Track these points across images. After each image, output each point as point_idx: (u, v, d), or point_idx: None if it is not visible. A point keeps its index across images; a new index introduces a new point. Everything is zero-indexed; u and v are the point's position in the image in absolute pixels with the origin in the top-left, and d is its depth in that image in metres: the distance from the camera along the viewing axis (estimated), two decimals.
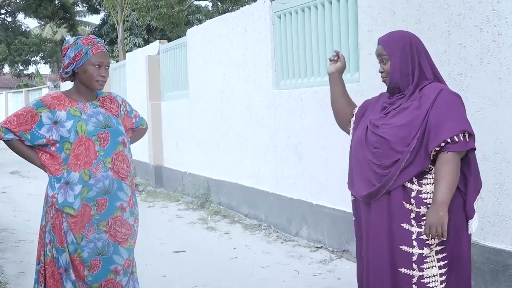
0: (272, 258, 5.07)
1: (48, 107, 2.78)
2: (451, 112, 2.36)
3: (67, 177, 2.76)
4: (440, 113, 2.36)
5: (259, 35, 6.21)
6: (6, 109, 27.71)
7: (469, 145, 2.36)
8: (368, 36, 4.57)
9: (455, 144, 2.33)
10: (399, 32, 2.62)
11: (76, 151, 2.76)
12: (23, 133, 2.77)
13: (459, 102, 2.44)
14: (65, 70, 2.81)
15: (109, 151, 2.82)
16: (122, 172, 2.86)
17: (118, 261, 2.83)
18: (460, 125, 2.34)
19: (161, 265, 4.84)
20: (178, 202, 8.06)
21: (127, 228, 2.86)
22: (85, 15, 34.31)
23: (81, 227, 2.75)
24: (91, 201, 2.76)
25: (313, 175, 5.40)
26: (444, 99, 2.39)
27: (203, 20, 20.76)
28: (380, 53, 2.55)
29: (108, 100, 2.95)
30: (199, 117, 7.93)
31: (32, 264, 4.92)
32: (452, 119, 2.34)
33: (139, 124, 3.15)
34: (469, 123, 2.40)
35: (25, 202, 8.31)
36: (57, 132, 2.77)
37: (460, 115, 2.38)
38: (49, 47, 29.92)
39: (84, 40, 2.81)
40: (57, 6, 27.85)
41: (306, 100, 5.45)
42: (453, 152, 2.32)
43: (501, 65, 3.47)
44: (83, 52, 2.77)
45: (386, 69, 2.53)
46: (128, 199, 2.88)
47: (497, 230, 3.56)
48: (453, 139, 2.32)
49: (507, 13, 3.42)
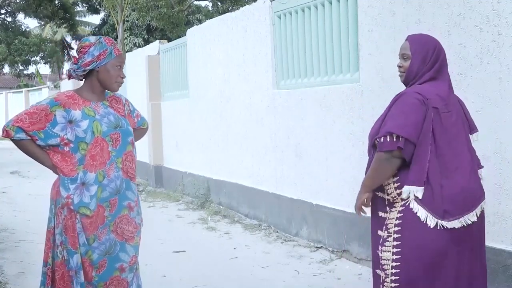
0: (272, 258, 5.07)
1: (63, 105, 2.76)
2: (392, 114, 2.56)
3: (83, 177, 2.74)
4: (388, 114, 2.58)
5: (259, 35, 6.21)
6: (6, 109, 27.70)
7: (394, 146, 2.49)
8: (368, 36, 4.57)
9: (380, 144, 2.54)
10: (429, 37, 2.73)
11: (93, 152, 2.75)
12: (36, 132, 2.73)
13: (410, 105, 2.52)
14: (85, 67, 2.78)
15: (120, 151, 2.83)
16: (130, 172, 2.87)
17: (124, 258, 2.83)
18: (389, 128, 2.51)
19: (161, 265, 4.84)
20: (178, 202, 8.06)
21: (133, 226, 2.87)
22: (85, 15, 34.33)
23: (94, 228, 2.75)
24: (105, 201, 2.76)
25: (313, 175, 5.40)
26: (397, 101, 2.58)
27: (203, 20, 20.77)
28: (405, 50, 2.69)
29: (114, 100, 2.96)
30: (199, 117, 7.93)
31: (32, 264, 4.94)
32: (387, 121, 2.55)
33: (141, 124, 3.15)
34: (406, 125, 2.49)
35: (25, 202, 8.30)
36: (72, 131, 2.74)
37: (398, 117, 2.52)
38: (49, 47, 29.93)
39: (107, 40, 2.82)
40: (57, 6, 27.83)
41: (306, 100, 5.45)
42: (378, 152, 2.56)
43: (501, 65, 3.47)
44: (108, 51, 2.78)
45: (404, 66, 2.69)
46: (135, 198, 2.90)
47: (497, 230, 3.55)
48: (379, 139, 2.54)
49: (507, 13, 3.42)
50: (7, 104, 27.67)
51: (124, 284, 2.83)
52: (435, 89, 2.58)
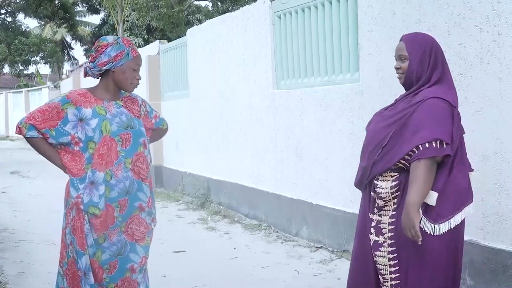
0: (272, 258, 5.07)
1: (74, 103, 2.75)
2: (428, 120, 2.43)
3: (92, 176, 2.73)
4: (417, 120, 2.45)
5: (259, 35, 6.21)
6: (6, 109, 27.70)
7: (442, 152, 2.41)
8: (368, 36, 4.57)
9: (426, 151, 2.40)
10: (424, 36, 2.67)
11: (101, 151, 2.74)
12: (48, 129, 2.73)
13: (443, 110, 2.45)
14: (101, 67, 2.77)
15: (130, 152, 2.80)
16: (142, 173, 2.85)
17: (134, 259, 2.83)
18: (433, 133, 2.40)
19: (161, 265, 4.84)
20: (178, 202, 8.06)
21: (144, 227, 2.86)
22: (85, 15, 34.35)
23: (105, 227, 2.74)
24: (114, 201, 2.75)
25: (313, 175, 5.40)
26: (426, 106, 2.45)
27: (203, 20, 20.75)
28: (401, 51, 2.62)
29: (129, 100, 2.92)
30: (199, 117, 7.93)
31: (32, 264, 4.94)
32: (427, 127, 2.41)
33: (160, 124, 3.13)
34: (447, 132, 2.42)
35: (25, 202, 8.30)
36: (82, 130, 2.74)
37: (437, 123, 2.42)
38: (49, 47, 29.93)
39: (125, 41, 2.80)
40: (57, 6, 27.88)
41: (306, 100, 5.45)
42: (424, 159, 2.40)
43: (501, 65, 3.47)
44: (125, 53, 2.76)
45: (403, 67, 2.61)
46: (147, 199, 2.88)
47: (497, 230, 3.55)
48: (424, 146, 2.40)
49: (507, 13, 3.42)
50: (7, 104, 27.66)
51: (134, 285, 2.83)
52: (451, 93, 2.52)
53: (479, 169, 3.63)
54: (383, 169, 2.54)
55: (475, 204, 3.63)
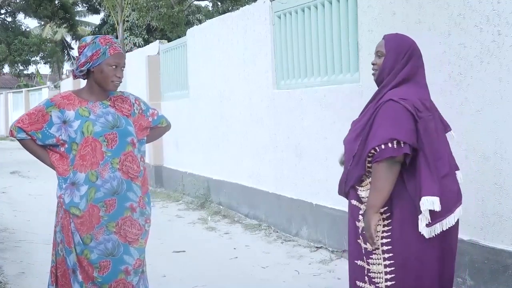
0: (272, 258, 5.07)
1: (57, 106, 2.78)
2: (383, 121, 2.44)
3: (73, 177, 2.76)
4: (376, 123, 2.47)
5: (259, 35, 6.21)
6: (6, 109, 27.70)
7: (400, 152, 2.39)
8: (368, 36, 4.57)
9: (383, 152, 2.40)
10: (403, 37, 2.67)
11: (82, 152, 2.76)
12: (34, 132, 2.79)
13: (400, 109, 2.43)
14: (80, 68, 2.78)
15: (117, 151, 2.80)
16: (131, 173, 2.84)
17: (128, 261, 2.82)
18: (388, 133, 2.40)
19: (161, 265, 4.84)
20: (178, 202, 8.06)
21: (137, 228, 2.85)
22: (85, 15, 34.32)
23: (89, 228, 2.75)
24: (99, 202, 2.76)
25: (313, 175, 5.40)
26: (383, 109, 2.46)
27: (203, 20, 20.75)
28: (379, 47, 2.64)
29: (119, 100, 2.91)
30: (199, 117, 7.93)
31: (32, 264, 4.95)
32: (382, 128, 2.42)
33: (158, 122, 3.10)
34: (404, 131, 2.40)
35: (25, 202, 8.30)
36: (66, 132, 2.77)
37: (392, 123, 2.41)
38: (49, 47, 29.94)
39: (102, 40, 2.78)
40: (57, 6, 27.86)
41: (306, 100, 5.45)
42: (382, 161, 2.40)
43: (501, 65, 3.47)
44: (101, 51, 2.75)
45: (378, 63, 2.63)
46: (138, 199, 2.86)
47: (497, 230, 3.55)
48: (380, 147, 2.41)
49: (507, 13, 3.42)
50: (7, 104, 27.67)
51: (129, 287, 2.82)
52: (417, 94, 2.50)
53: (479, 169, 3.63)
54: (358, 177, 2.56)
55: (475, 204, 3.65)
